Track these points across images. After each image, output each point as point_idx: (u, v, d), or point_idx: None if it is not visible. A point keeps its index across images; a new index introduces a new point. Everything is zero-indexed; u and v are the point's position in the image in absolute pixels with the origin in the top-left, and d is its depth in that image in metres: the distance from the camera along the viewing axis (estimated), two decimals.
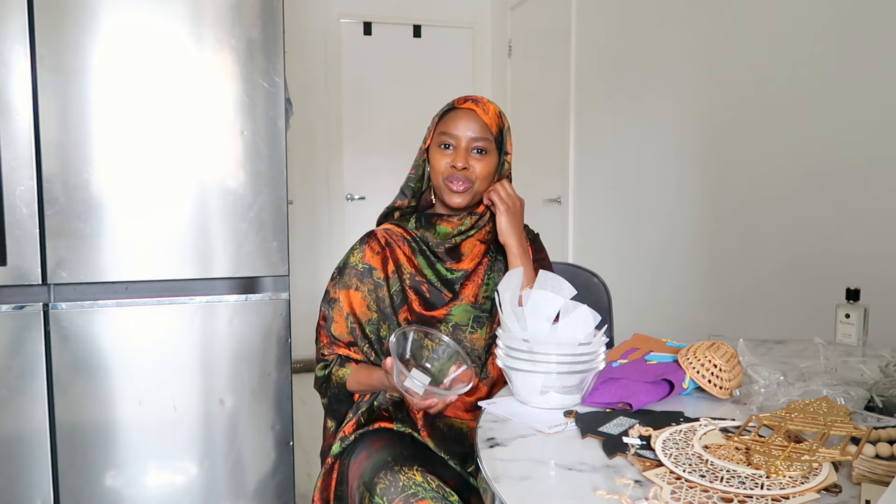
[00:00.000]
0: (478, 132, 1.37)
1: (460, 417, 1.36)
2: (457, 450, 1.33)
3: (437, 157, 1.39)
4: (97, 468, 1.79)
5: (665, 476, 0.85)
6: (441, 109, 1.42)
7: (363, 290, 1.38)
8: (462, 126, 1.37)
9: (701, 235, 2.66)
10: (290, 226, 1.91)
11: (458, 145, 1.37)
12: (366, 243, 1.41)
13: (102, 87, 1.71)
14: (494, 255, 1.44)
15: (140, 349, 1.80)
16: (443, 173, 1.38)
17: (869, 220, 1.97)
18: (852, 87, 2.00)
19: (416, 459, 1.22)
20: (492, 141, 1.39)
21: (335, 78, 4.23)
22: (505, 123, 1.43)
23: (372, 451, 1.27)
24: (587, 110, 3.42)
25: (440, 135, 1.39)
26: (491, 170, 1.39)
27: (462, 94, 1.45)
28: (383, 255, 1.39)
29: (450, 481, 1.25)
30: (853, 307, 1.54)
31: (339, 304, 1.38)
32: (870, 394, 1.10)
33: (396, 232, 1.43)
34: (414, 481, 1.14)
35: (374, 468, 1.20)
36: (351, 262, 1.40)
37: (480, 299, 1.40)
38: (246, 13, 1.79)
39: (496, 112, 1.41)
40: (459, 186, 1.37)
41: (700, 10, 2.62)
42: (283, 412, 1.91)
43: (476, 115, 1.37)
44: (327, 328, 1.39)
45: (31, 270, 1.70)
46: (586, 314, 1.13)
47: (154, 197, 1.77)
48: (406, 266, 1.40)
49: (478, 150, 1.37)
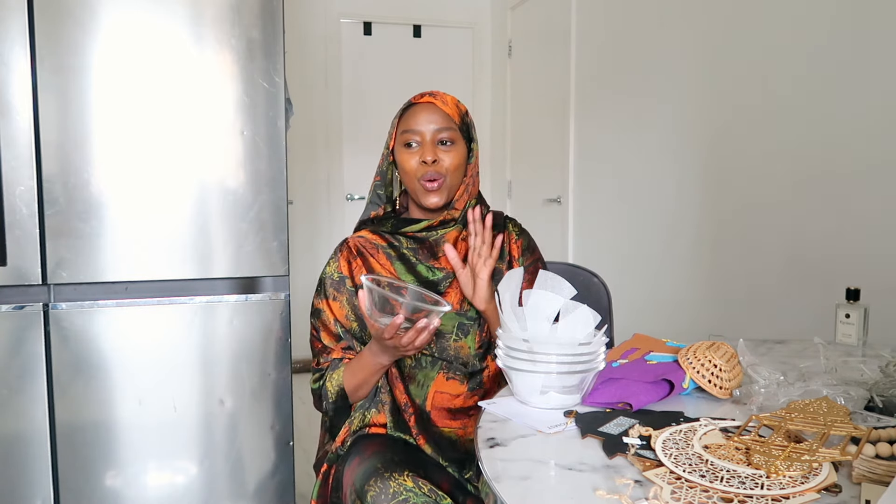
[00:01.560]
0: (440, 123, 1.34)
1: (448, 426, 1.35)
2: (454, 456, 1.32)
3: (405, 158, 1.35)
4: (97, 468, 1.79)
5: (665, 476, 0.85)
6: (399, 110, 1.40)
7: (341, 300, 1.37)
8: (423, 120, 1.34)
9: (701, 235, 2.66)
10: (290, 226, 1.91)
11: (423, 140, 1.34)
12: (339, 253, 1.39)
13: (102, 87, 1.71)
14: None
15: (140, 349, 1.80)
16: (415, 173, 1.34)
17: (869, 221, 1.97)
18: (853, 87, 2.00)
19: (408, 464, 1.21)
20: (456, 130, 1.36)
21: (335, 78, 4.23)
22: (465, 111, 1.40)
23: (364, 457, 1.25)
24: (587, 110, 3.42)
25: (403, 133, 1.35)
26: (461, 160, 1.36)
27: (454, 95, 1.43)
28: (355, 263, 1.38)
29: (443, 484, 1.24)
30: (853, 307, 1.54)
31: (324, 315, 1.37)
32: (870, 394, 1.10)
33: (371, 239, 1.41)
34: (405, 487, 1.13)
35: (364, 475, 1.19)
36: (327, 273, 1.39)
37: (466, 305, 1.37)
38: (246, 13, 1.79)
39: (454, 102, 1.38)
40: (434, 184, 1.33)
41: (700, 11, 2.62)
42: (282, 412, 1.91)
43: (436, 107, 1.35)
44: (319, 339, 1.38)
45: (31, 270, 1.70)
46: (586, 314, 1.13)
47: (154, 197, 1.77)
48: (382, 274, 1.37)
49: (443, 142, 1.34)
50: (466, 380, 1.36)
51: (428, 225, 1.38)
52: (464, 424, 1.35)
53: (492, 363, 1.37)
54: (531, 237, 1.49)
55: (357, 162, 4.28)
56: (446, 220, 1.38)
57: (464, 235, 1.40)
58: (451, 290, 1.37)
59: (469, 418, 1.35)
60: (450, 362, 1.35)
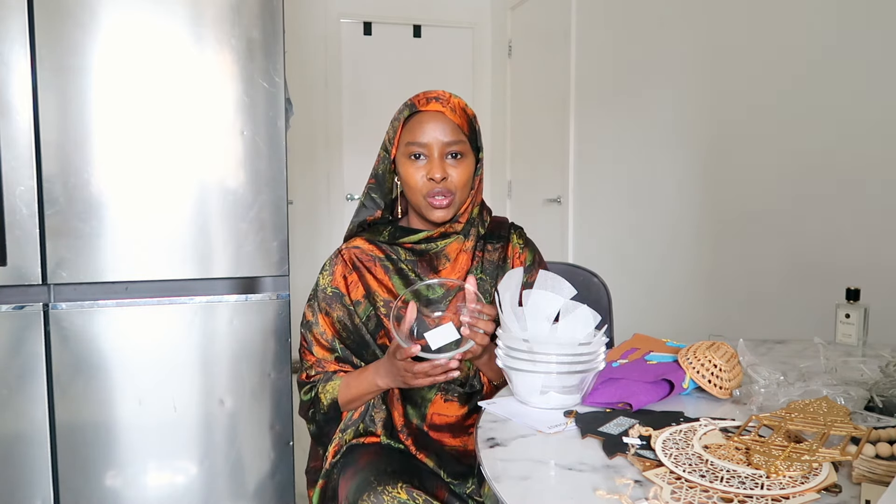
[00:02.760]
0: (450, 135, 1.24)
1: (450, 444, 1.30)
2: (457, 469, 1.28)
3: (410, 172, 1.25)
4: (97, 468, 1.79)
5: (665, 476, 0.85)
6: (401, 113, 1.28)
7: (333, 316, 1.31)
8: (430, 131, 1.24)
9: (701, 235, 2.66)
10: (290, 226, 1.91)
11: (431, 154, 1.24)
12: (334, 265, 1.32)
13: (102, 88, 1.71)
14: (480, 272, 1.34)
15: (140, 349, 1.80)
16: (421, 190, 1.25)
17: (869, 221, 1.97)
18: (853, 87, 2.00)
19: (402, 475, 1.17)
20: (466, 141, 1.27)
21: (335, 78, 4.23)
22: (473, 116, 1.30)
23: (358, 467, 1.22)
24: (587, 110, 3.42)
25: (408, 145, 1.25)
26: (470, 173, 1.27)
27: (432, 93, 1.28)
28: (351, 278, 1.31)
29: (439, 493, 1.23)
30: (853, 307, 1.54)
31: (318, 328, 1.32)
32: (870, 394, 1.10)
33: (367, 250, 1.33)
34: (399, 500, 1.10)
35: (357, 489, 1.15)
36: (321, 285, 1.32)
37: None
38: (246, 13, 1.79)
39: (462, 107, 1.28)
40: (443, 201, 1.25)
41: (700, 11, 2.62)
42: (282, 412, 1.91)
43: (444, 116, 1.25)
44: (310, 351, 1.32)
45: (31, 270, 1.70)
46: (586, 314, 1.13)
47: (154, 197, 1.77)
48: (379, 292, 1.30)
49: (453, 155, 1.25)
50: (465, 400, 1.32)
51: (427, 236, 1.30)
52: (464, 442, 1.31)
53: (488, 384, 1.33)
54: (537, 249, 1.41)
55: (357, 162, 4.28)
56: (447, 232, 1.30)
57: (465, 247, 1.33)
58: (450, 310, 1.29)
59: (469, 436, 1.31)
60: (448, 382, 1.30)
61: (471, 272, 1.32)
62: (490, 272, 1.34)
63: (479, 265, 1.34)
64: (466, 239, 1.34)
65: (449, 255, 1.32)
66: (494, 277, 1.34)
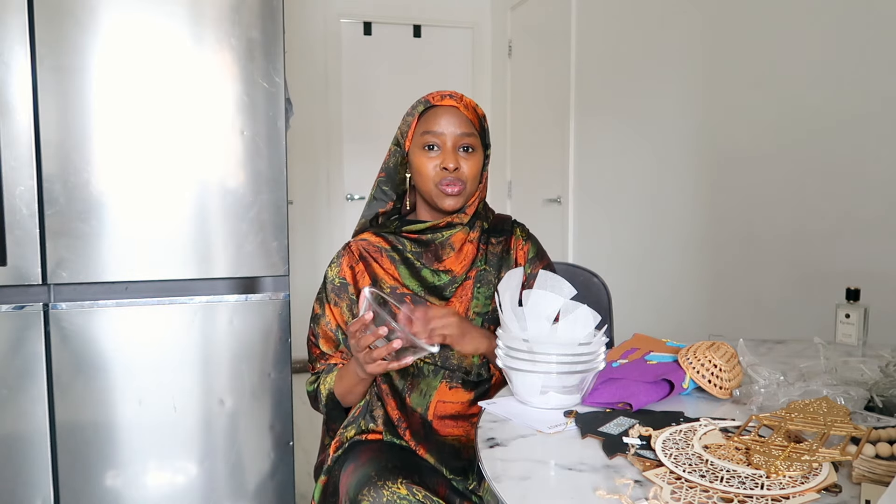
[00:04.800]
0: (463, 128, 1.31)
1: (451, 433, 1.32)
2: (457, 465, 1.29)
3: (423, 161, 1.31)
4: (97, 468, 1.79)
5: (665, 476, 0.85)
6: (415, 109, 1.35)
7: (342, 306, 1.35)
8: (446, 123, 1.30)
9: (701, 235, 2.66)
10: (290, 226, 1.91)
11: (444, 145, 1.31)
12: (342, 257, 1.37)
13: (102, 87, 1.71)
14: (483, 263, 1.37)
15: (140, 349, 1.80)
16: (434, 179, 1.31)
17: (869, 221, 1.97)
18: (853, 87, 2.00)
19: (402, 470, 1.19)
20: (477, 136, 1.33)
21: (335, 78, 4.23)
22: (483, 115, 1.37)
23: (358, 463, 1.24)
24: (587, 110, 3.42)
25: (423, 135, 1.31)
26: (478, 169, 1.34)
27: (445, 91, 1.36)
28: (358, 268, 1.35)
29: (439, 489, 1.23)
30: (853, 307, 1.54)
31: (324, 320, 1.36)
32: (870, 394, 1.10)
33: (374, 242, 1.37)
34: (398, 495, 1.12)
35: (358, 484, 1.17)
36: (329, 277, 1.37)
37: (471, 314, 1.34)
38: (246, 13, 1.79)
39: (474, 106, 1.36)
40: (455, 189, 1.30)
41: (700, 10, 2.62)
42: (282, 412, 1.91)
43: (458, 111, 1.32)
44: (317, 344, 1.37)
45: (31, 270, 1.70)
46: (586, 314, 1.13)
47: (154, 197, 1.77)
48: (385, 280, 1.34)
49: (465, 148, 1.32)
50: (471, 389, 1.33)
51: (433, 225, 1.34)
52: (466, 431, 1.33)
53: (497, 373, 1.35)
54: (540, 244, 1.46)
55: (357, 162, 4.28)
56: (452, 222, 1.34)
57: (471, 237, 1.38)
58: (456, 297, 1.34)
59: (472, 426, 1.32)
60: (452, 371, 1.32)
61: (475, 264, 1.37)
62: (493, 263, 1.39)
63: (483, 257, 1.39)
64: (472, 230, 1.38)
65: (454, 244, 1.36)
66: (497, 269, 1.39)
